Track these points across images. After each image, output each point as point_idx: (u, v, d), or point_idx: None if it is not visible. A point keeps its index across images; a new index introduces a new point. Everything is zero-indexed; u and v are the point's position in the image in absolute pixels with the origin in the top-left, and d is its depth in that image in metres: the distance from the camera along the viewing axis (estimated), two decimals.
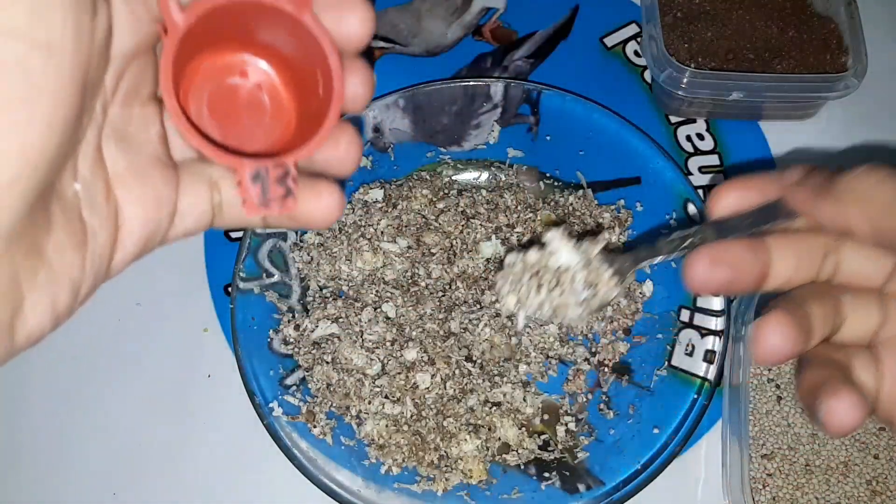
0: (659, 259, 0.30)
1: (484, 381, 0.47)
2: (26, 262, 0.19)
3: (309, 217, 0.25)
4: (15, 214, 0.18)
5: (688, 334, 0.47)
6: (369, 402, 0.46)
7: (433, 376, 0.47)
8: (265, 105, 0.25)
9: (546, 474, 0.46)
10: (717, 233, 0.28)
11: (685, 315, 0.48)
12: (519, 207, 0.52)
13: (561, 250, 0.32)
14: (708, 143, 0.57)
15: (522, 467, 0.46)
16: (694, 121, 0.57)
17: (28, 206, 0.18)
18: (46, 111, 0.17)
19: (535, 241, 0.34)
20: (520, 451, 0.46)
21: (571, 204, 0.52)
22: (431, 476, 0.46)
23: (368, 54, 0.59)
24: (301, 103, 0.26)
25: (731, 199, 0.28)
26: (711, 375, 0.45)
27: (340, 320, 0.48)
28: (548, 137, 0.53)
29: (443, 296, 0.50)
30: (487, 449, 0.46)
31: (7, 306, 0.19)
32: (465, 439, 0.46)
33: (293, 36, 0.23)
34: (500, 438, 0.47)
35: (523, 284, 0.33)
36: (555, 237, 0.32)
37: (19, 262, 0.19)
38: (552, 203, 0.52)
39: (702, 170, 0.56)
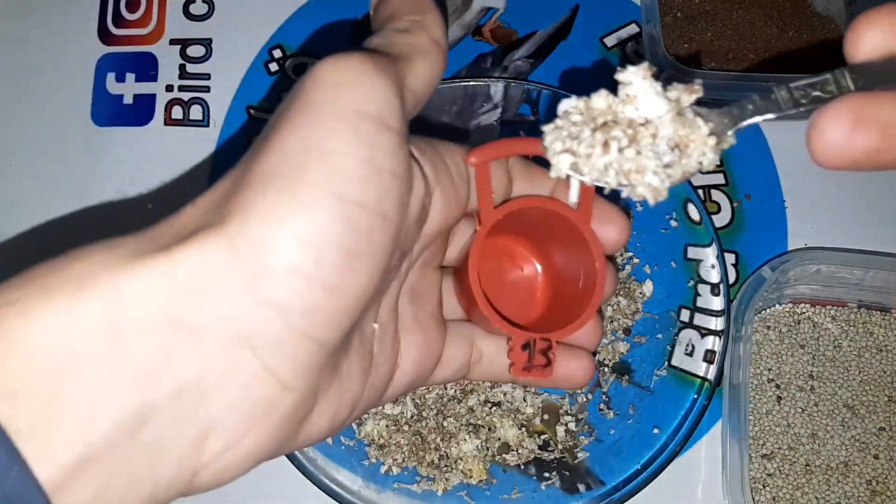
0: (773, 115, 0.22)
1: (484, 380, 0.47)
2: (327, 373, 0.23)
3: (564, 381, 0.31)
4: (342, 334, 0.22)
5: (688, 334, 0.47)
6: None
7: None
8: (527, 285, 0.30)
9: (546, 474, 0.46)
10: (857, 81, 0.21)
11: (685, 315, 0.48)
12: None
13: (642, 94, 0.23)
14: None
15: (522, 467, 0.46)
16: None
17: (348, 330, 0.22)
18: (379, 262, 0.22)
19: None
20: (520, 451, 0.46)
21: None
22: (431, 476, 0.46)
23: None
24: (557, 289, 0.30)
25: (877, 37, 0.20)
26: (711, 375, 0.45)
27: None
28: None
29: None
30: (487, 449, 0.46)
31: (306, 408, 0.22)
32: (465, 439, 0.46)
33: (568, 237, 0.28)
34: (500, 438, 0.47)
35: (583, 140, 0.23)
36: (634, 75, 0.23)
37: (324, 373, 0.22)
38: None
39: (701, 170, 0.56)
